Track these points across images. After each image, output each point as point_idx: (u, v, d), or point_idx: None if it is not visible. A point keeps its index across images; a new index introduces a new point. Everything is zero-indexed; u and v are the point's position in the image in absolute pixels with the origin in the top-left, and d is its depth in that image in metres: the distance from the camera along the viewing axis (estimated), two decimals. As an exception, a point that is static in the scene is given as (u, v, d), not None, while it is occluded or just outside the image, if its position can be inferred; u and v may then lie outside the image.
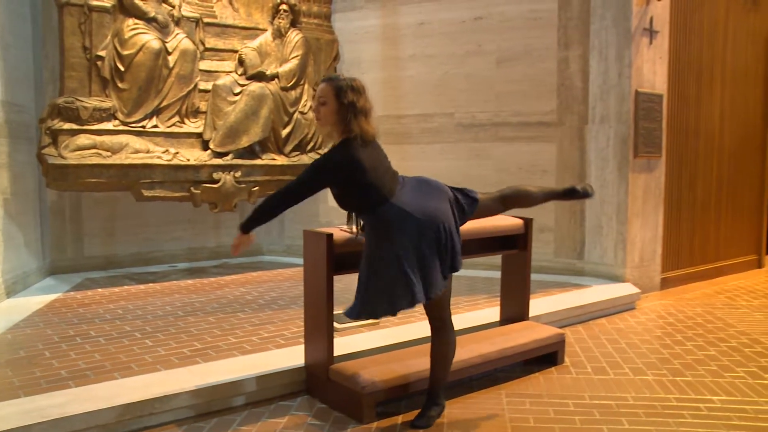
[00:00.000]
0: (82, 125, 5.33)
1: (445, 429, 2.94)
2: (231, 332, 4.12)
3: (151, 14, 5.62)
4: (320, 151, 6.56)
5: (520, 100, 6.16)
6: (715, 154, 6.60)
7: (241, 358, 3.55)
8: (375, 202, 2.78)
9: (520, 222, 3.83)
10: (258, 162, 6.18)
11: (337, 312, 3.19)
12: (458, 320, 3.08)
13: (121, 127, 5.53)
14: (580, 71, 5.91)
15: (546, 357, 3.80)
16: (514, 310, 4.03)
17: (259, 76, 6.19)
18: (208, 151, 5.93)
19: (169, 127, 5.80)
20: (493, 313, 4.33)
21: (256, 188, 6.12)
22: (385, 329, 4.09)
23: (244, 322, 4.37)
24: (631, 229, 5.70)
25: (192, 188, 5.81)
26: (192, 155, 5.84)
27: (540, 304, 4.72)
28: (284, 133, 6.36)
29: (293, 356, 3.50)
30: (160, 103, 5.74)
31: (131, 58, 5.53)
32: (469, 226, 3.13)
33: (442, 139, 6.49)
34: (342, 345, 3.57)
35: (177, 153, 5.73)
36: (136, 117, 5.62)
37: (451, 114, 6.45)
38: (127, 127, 5.56)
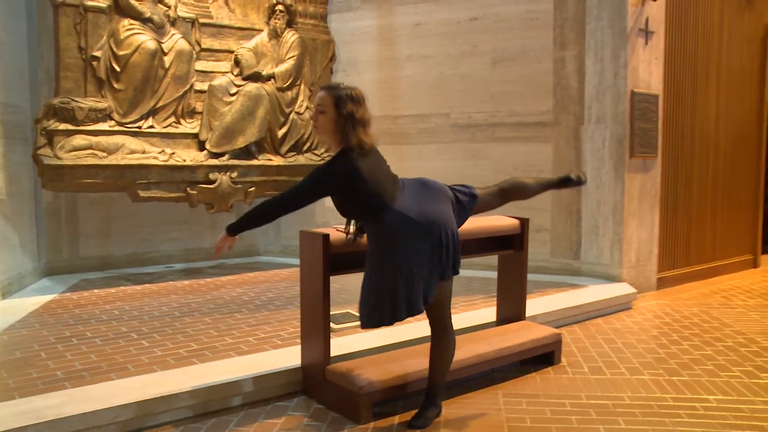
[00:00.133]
0: (78, 126, 5.32)
1: (441, 429, 2.94)
2: (228, 333, 4.11)
3: (147, 15, 5.62)
4: (316, 152, 6.56)
5: (516, 100, 6.17)
6: (711, 154, 6.61)
7: (237, 359, 3.54)
8: (376, 210, 2.77)
9: (516, 222, 3.84)
10: (254, 162, 6.17)
11: (333, 312, 3.18)
12: (455, 320, 3.07)
13: (117, 128, 5.52)
14: (576, 71, 5.92)
15: (543, 357, 3.80)
16: (511, 310, 4.03)
17: (255, 77, 6.18)
18: (204, 152, 5.92)
19: (165, 127, 5.79)
20: (489, 313, 4.32)
21: (253, 189, 6.12)
22: (382, 329, 4.07)
23: (240, 323, 4.36)
24: (628, 229, 5.71)
25: (188, 189, 5.80)
26: (188, 156, 5.82)
27: (537, 304, 4.72)
28: (280, 133, 6.35)
29: (290, 357, 3.49)
30: (156, 104, 5.73)
31: (127, 59, 5.53)
32: (465, 227, 3.13)
33: (439, 140, 6.49)
34: (338, 345, 3.56)
35: (173, 153, 5.72)
36: (132, 117, 5.61)
37: (447, 114, 6.46)
38: (122, 128, 5.55)
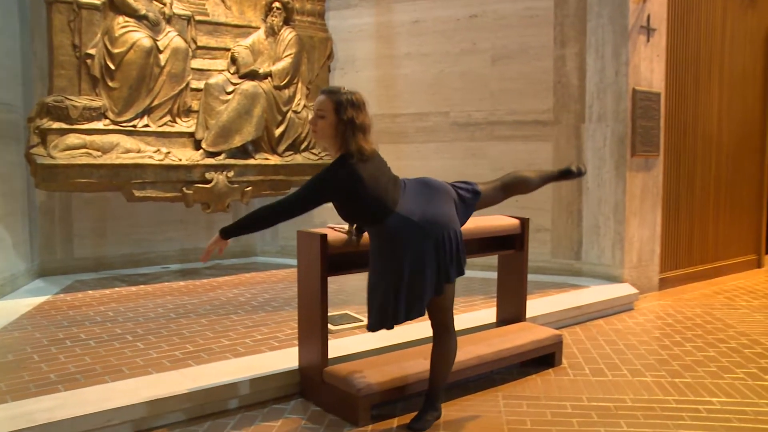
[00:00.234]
0: (72, 124, 5.28)
1: (441, 431, 2.92)
2: (224, 334, 4.08)
3: (142, 12, 5.57)
4: (314, 151, 6.53)
5: (515, 98, 6.13)
6: (714, 153, 6.58)
7: (234, 361, 3.52)
8: (378, 214, 2.75)
9: (516, 222, 3.84)
10: (251, 162, 6.13)
11: (331, 314, 3.16)
12: (455, 321, 3.05)
13: (112, 127, 5.48)
14: (577, 69, 5.88)
15: (543, 358, 3.78)
16: (511, 311, 4.01)
17: (252, 75, 6.14)
18: (201, 151, 5.88)
19: (160, 126, 5.74)
20: (489, 314, 4.31)
21: (249, 188, 6.08)
22: (380, 330, 4.04)
23: (237, 324, 4.33)
24: (629, 228, 5.67)
25: (184, 188, 5.75)
26: (184, 155, 5.78)
27: (537, 305, 4.70)
28: (278, 132, 6.31)
29: (287, 358, 3.47)
30: (152, 102, 5.69)
31: (122, 57, 5.48)
32: (465, 227, 3.10)
33: (438, 138, 6.45)
34: (336, 347, 3.54)
35: (169, 153, 5.68)
36: (127, 116, 5.57)
37: (446, 113, 6.41)
38: (117, 127, 5.50)
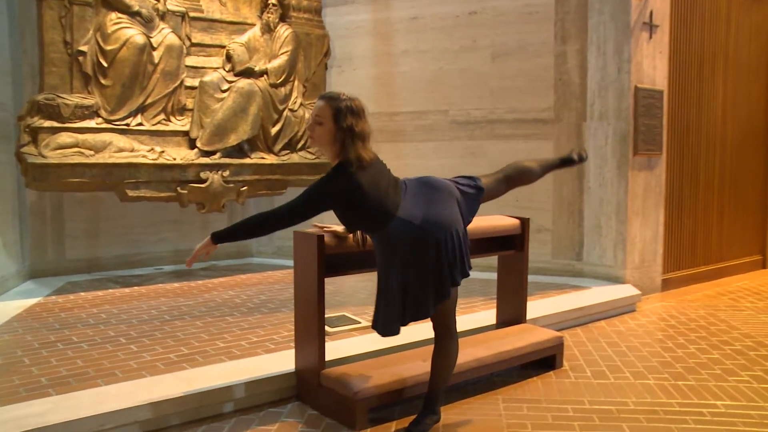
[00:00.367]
0: (64, 123, 5.22)
1: (440, 436, 2.91)
2: (219, 337, 4.06)
3: (135, 8, 5.52)
4: (311, 150, 6.47)
5: (515, 96, 6.09)
6: (718, 151, 6.55)
7: (229, 364, 3.51)
8: (379, 220, 2.72)
9: (516, 222, 3.84)
10: (247, 161, 6.07)
11: (328, 315, 3.11)
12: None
13: (105, 125, 5.42)
14: (578, 67, 5.83)
15: (544, 361, 3.78)
16: (511, 313, 4.01)
17: (248, 73, 6.09)
18: (195, 150, 5.82)
19: (154, 125, 5.69)
20: (489, 315, 4.29)
21: (245, 188, 6.03)
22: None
23: (232, 326, 4.32)
24: (631, 228, 5.61)
25: (178, 188, 5.70)
26: (178, 154, 5.73)
27: (538, 307, 4.69)
28: (274, 131, 6.25)
29: (283, 361, 3.45)
30: (145, 101, 5.63)
31: (114, 54, 5.42)
32: (464, 227, 3.07)
33: (437, 137, 6.39)
34: (333, 349, 3.53)
35: (163, 152, 5.63)
36: (120, 114, 5.51)
37: (445, 111, 6.36)
38: (110, 125, 5.45)
